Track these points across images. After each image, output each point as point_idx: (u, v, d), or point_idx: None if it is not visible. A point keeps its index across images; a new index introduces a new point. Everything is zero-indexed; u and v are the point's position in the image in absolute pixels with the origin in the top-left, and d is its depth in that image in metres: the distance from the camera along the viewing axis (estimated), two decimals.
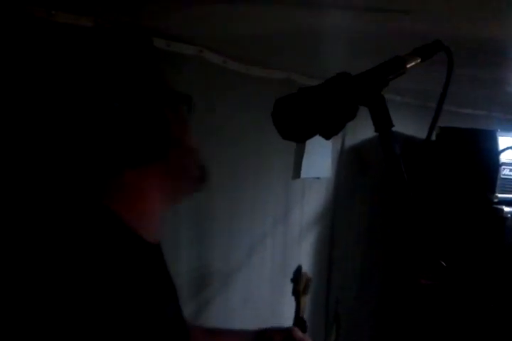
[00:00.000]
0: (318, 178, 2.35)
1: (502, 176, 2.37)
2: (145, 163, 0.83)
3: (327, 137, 0.81)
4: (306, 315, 1.29)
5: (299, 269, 1.28)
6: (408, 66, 0.78)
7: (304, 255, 2.35)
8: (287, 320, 1.38)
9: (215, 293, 1.85)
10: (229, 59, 1.77)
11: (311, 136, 0.80)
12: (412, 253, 2.33)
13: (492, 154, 2.41)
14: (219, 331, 1.25)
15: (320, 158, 2.29)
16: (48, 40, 1.19)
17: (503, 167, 2.37)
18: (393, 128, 0.80)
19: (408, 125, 2.86)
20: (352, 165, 2.60)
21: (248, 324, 1.21)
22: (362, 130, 2.58)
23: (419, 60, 0.79)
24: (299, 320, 1.23)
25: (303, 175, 2.19)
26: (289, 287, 1.41)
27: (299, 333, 1.14)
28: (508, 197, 2.38)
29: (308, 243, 2.39)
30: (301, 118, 0.77)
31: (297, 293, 1.26)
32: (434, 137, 2.71)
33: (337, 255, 2.58)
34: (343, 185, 2.57)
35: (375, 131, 0.80)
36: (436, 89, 0.89)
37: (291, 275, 2.14)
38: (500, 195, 2.37)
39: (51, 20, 1.21)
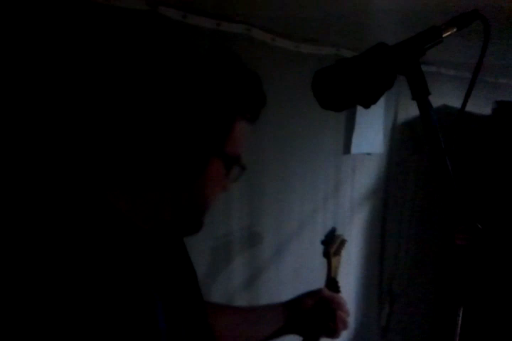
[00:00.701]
0: (369, 154, 2.35)
1: None
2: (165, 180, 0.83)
3: (366, 106, 0.85)
4: (340, 276, 1.24)
5: (332, 231, 1.25)
6: (444, 35, 0.80)
7: (355, 230, 2.37)
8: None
9: (267, 264, 1.92)
10: (278, 36, 1.80)
11: (349, 105, 0.83)
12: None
13: None
14: (244, 308, 1.30)
15: (371, 134, 2.29)
16: (109, 25, 1.26)
17: None
18: (446, 103, 0.82)
19: (470, 101, 2.81)
20: (405, 142, 2.58)
21: None
22: (415, 106, 2.56)
23: (455, 30, 0.80)
24: (330, 281, 1.22)
25: (353, 150, 2.20)
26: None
27: (327, 292, 1.17)
28: None
29: (359, 218, 2.41)
30: (339, 87, 0.80)
31: (328, 255, 1.24)
32: (490, 111, 2.65)
33: (390, 231, 2.59)
34: (396, 161, 2.56)
35: (413, 98, 0.83)
36: (493, 63, 0.89)
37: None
38: None
39: (108, 4, 1.28)
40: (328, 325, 1.15)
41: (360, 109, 2.13)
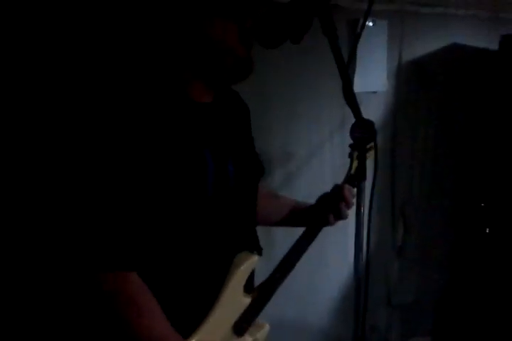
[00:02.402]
0: (374, 92, 2.58)
1: None
2: (190, 58, 1.14)
3: (294, 42, 1.13)
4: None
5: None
6: None
7: None
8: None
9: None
10: None
11: (281, 41, 1.12)
12: None
13: None
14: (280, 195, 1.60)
15: (373, 72, 2.48)
16: None
17: None
18: (463, 42, 1.04)
19: (480, 38, 2.95)
20: (413, 79, 2.77)
21: None
22: (420, 44, 2.74)
23: None
24: (349, 176, 1.38)
25: (356, 89, 2.42)
26: None
27: (346, 192, 1.36)
28: None
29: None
30: (272, 28, 1.10)
31: (351, 156, 1.38)
32: (496, 46, 2.78)
33: (401, 165, 2.83)
34: (405, 99, 2.76)
35: (323, 33, 1.09)
36: None
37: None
38: None
39: None
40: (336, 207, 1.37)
41: (360, 48, 2.37)
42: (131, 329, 1.07)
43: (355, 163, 1.38)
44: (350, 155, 1.38)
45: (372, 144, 1.24)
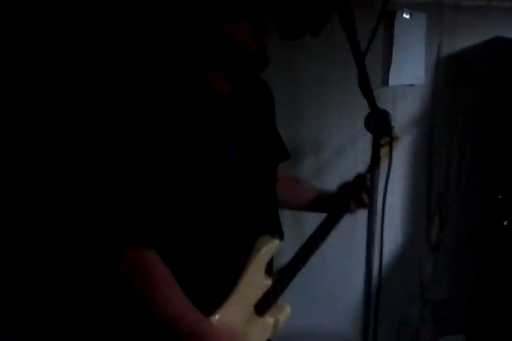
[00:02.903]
0: (411, 85, 2.55)
1: None
2: (204, 54, 1.19)
3: (314, 35, 1.15)
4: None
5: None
6: None
7: (399, 152, 2.61)
8: None
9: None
10: None
11: (301, 34, 1.14)
12: None
13: None
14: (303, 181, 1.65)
15: (411, 65, 2.47)
16: None
17: None
18: (500, 34, 1.02)
19: None
20: (452, 73, 2.71)
21: None
22: (460, 38, 2.68)
23: None
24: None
25: (392, 82, 2.43)
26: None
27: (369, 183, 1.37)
28: None
29: (403, 147, 2.61)
30: (291, 20, 1.12)
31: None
32: None
33: (438, 155, 2.78)
34: (443, 92, 2.70)
35: (342, 28, 1.10)
36: None
37: (383, 179, 2.44)
38: None
39: None
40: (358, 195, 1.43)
41: (397, 40, 2.35)
42: (148, 303, 1.13)
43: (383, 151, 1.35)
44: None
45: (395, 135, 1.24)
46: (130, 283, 1.13)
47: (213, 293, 1.24)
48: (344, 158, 2.41)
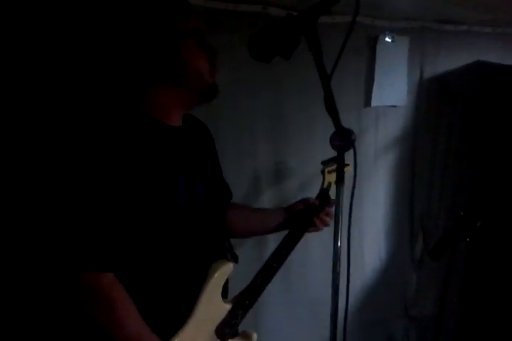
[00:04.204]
0: (394, 107, 2.64)
1: None
2: (159, 80, 1.28)
3: (286, 58, 1.24)
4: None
5: (333, 157, 1.26)
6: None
7: (381, 171, 2.70)
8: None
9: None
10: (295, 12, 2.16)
11: (272, 56, 1.23)
12: None
13: None
14: (255, 208, 1.71)
15: (393, 87, 2.56)
16: None
17: None
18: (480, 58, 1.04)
19: (505, 55, 2.95)
20: (434, 95, 2.79)
21: None
22: (442, 62, 2.78)
23: None
24: (322, 191, 1.54)
25: (374, 103, 2.51)
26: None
27: (311, 200, 1.52)
28: None
29: (387, 161, 2.72)
30: (263, 44, 1.21)
31: (323, 172, 1.53)
32: None
33: (420, 175, 2.86)
34: (425, 114, 2.78)
35: (309, 49, 1.18)
36: None
37: (367, 196, 2.47)
38: None
39: None
40: (312, 220, 1.51)
41: (379, 63, 2.44)
42: (107, 325, 1.19)
43: (327, 178, 1.54)
44: (322, 172, 1.55)
45: (348, 162, 1.25)
46: (88, 305, 1.20)
47: (171, 318, 1.28)
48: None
